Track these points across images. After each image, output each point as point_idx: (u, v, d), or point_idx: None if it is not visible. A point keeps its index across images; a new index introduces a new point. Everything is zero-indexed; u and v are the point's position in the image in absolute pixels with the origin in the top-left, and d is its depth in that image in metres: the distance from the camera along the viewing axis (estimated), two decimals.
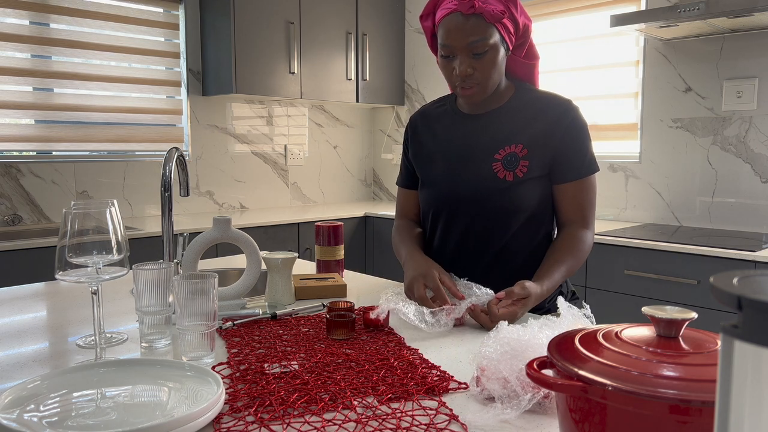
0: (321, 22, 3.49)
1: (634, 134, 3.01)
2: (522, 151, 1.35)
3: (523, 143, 1.35)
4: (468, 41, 1.27)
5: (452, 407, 0.84)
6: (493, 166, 1.36)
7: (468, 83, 1.31)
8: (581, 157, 1.36)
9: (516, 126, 1.37)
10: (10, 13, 2.78)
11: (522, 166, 1.35)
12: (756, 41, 2.59)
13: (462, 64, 1.29)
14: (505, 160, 1.36)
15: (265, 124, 3.69)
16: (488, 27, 1.27)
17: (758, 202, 2.64)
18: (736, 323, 0.37)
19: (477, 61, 1.29)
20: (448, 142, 1.44)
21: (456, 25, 1.27)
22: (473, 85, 1.32)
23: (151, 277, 1.08)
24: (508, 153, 1.36)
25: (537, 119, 1.36)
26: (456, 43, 1.28)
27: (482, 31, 1.27)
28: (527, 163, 1.35)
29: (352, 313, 1.15)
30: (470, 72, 1.30)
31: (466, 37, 1.27)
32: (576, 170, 1.36)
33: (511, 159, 1.35)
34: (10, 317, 1.31)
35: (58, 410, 0.79)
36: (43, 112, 2.91)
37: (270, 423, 0.79)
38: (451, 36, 1.28)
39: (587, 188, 1.38)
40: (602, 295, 2.52)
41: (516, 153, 1.35)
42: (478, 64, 1.29)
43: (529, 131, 1.36)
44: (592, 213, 1.40)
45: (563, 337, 0.71)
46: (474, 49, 1.28)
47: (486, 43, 1.28)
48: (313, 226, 3.24)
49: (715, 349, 0.62)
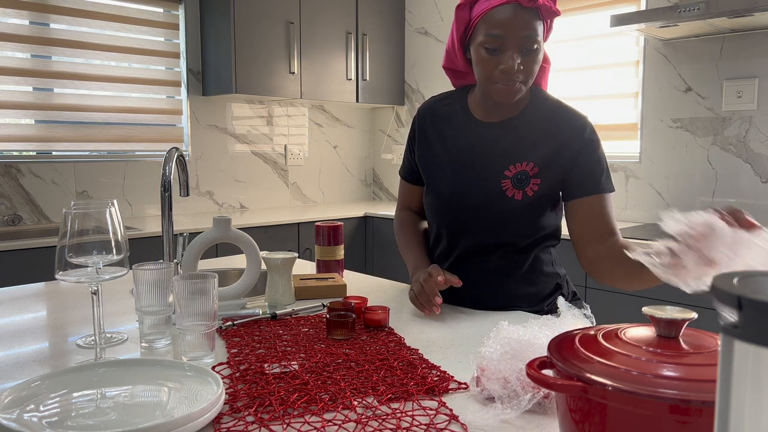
0: (321, 22, 3.49)
1: (634, 134, 3.01)
2: (533, 170, 1.30)
3: (534, 161, 1.30)
4: (524, 34, 1.21)
5: (452, 407, 0.84)
6: (503, 184, 1.31)
7: (514, 79, 1.24)
8: (600, 171, 1.30)
9: (529, 141, 1.32)
10: (10, 13, 2.78)
11: (533, 184, 1.30)
12: (756, 41, 2.59)
13: (512, 59, 1.21)
14: (515, 178, 1.31)
15: (265, 124, 3.69)
16: (540, 23, 1.23)
17: (758, 202, 2.64)
18: (736, 323, 0.37)
19: (525, 57, 1.23)
20: (458, 149, 1.38)
21: (515, 17, 1.20)
22: (517, 82, 1.24)
23: (151, 277, 1.08)
24: (519, 171, 1.31)
25: (550, 136, 1.31)
26: (510, 35, 1.21)
27: (536, 26, 1.22)
28: (539, 181, 1.30)
29: (352, 313, 1.15)
30: (519, 68, 1.23)
31: (523, 30, 1.20)
32: (596, 183, 1.30)
33: (522, 177, 1.30)
34: (10, 317, 1.31)
35: (58, 410, 0.79)
36: (43, 112, 2.91)
37: (270, 423, 0.79)
38: (505, 27, 1.20)
39: (609, 204, 1.30)
40: (602, 295, 2.52)
41: (527, 171, 1.30)
42: (526, 61, 1.23)
43: (541, 148, 1.30)
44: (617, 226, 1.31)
45: (563, 337, 0.71)
46: (526, 44, 1.22)
47: (537, 40, 1.22)
48: (313, 226, 3.24)
49: (715, 349, 0.62)
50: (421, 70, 3.91)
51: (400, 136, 4.08)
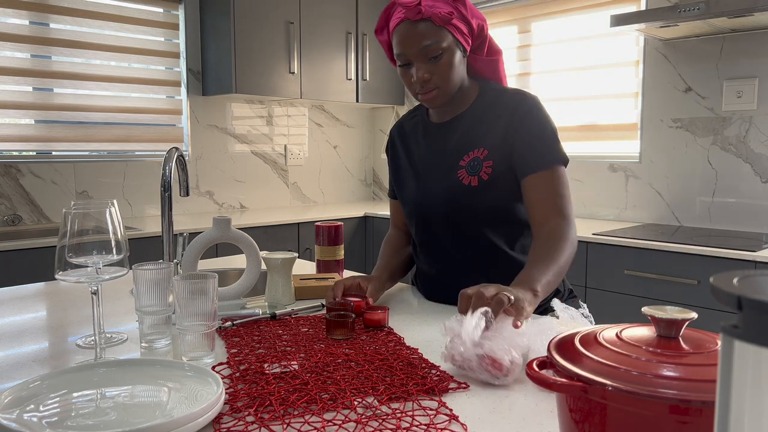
0: (321, 22, 3.49)
1: (634, 134, 3.01)
2: (483, 153, 1.33)
3: (484, 146, 1.34)
4: (421, 46, 1.27)
5: (452, 407, 0.84)
6: (458, 174, 1.35)
7: (427, 88, 1.31)
8: (543, 147, 1.30)
9: (480, 130, 1.36)
10: (10, 13, 2.78)
11: (486, 167, 1.33)
12: (756, 41, 2.59)
13: (419, 70, 1.30)
14: (468, 165, 1.34)
15: (265, 124, 3.69)
16: (439, 30, 1.28)
17: (758, 202, 2.64)
18: (736, 323, 0.37)
19: (433, 65, 1.29)
20: (419, 157, 1.45)
21: (407, 33, 1.28)
22: (432, 89, 1.31)
23: (151, 277, 1.08)
24: (472, 158, 1.35)
25: (497, 119, 1.34)
26: (410, 50, 1.29)
27: (434, 34, 1.27)
28: (491, 163, 1.32)
29: (351, 314, 1.15)
30: (428, 77, 1.30)
31: (419, 42, 1.27)
32: (539, 159, 1.30)
33: (474, 164, 1.34)
34: (10, 317, 1.31)
35: (57, 410, 0.79)
36: (43, 112, 2.91)
37: (270, 423, 0.79)
38: (403, 43, 1.29)
39: (557, 179, 1.30)
40: (602, 295, 2.52)
41: (478, 157, 1.34)
42: (435, 68, 1.30)
43: (490, 133, 1.34)
44: (567, 205, 1.30)
45: (563, 337, 0.71)
46: (428, 53, 1.28)
47: (439, 46, 1.28)
48: (313, 226, 3.24)
49: (715, 349, 0.62)
50: None
51: None
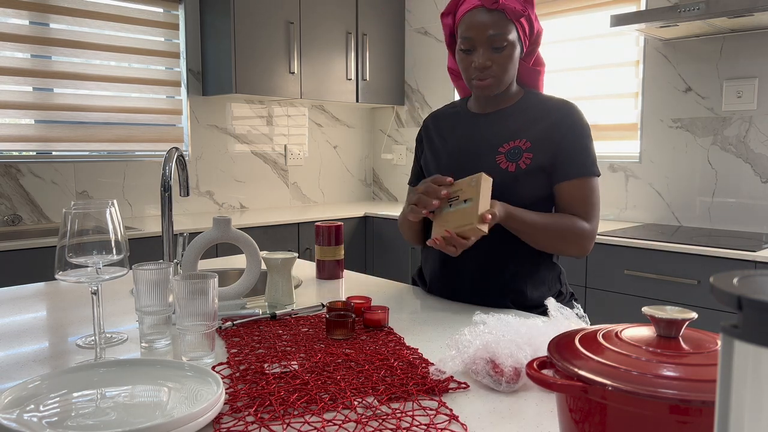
0: (321, 22, 3.49)
1: (634, 134, 3.01)
2: (525, 144, 1.38)
3: (527, 138, 1.39)
4: (489, 34, 1.33)
5: (452, 407, 0.84)
6: (497, 159, 1.39)
7: (485, 75, 1.36)
8: (583, 156, 1.38)
9: (521, 125, 1.41)
10: (10, 13, 2.78)
11: (525, 157, 1.37)
12: (756, 41, 2.59)
13: (481, 57, 1.35)
14: (508, 153, 1.39)
15: (265, 124, 3.69)
16: (508, 23, 1.34)
17: (758, 202, 2.64)
18: (736, 323, 0.37)
19: (496, 54, 1.35)
20: (455, 138, 1.48)
21: (479, 19, 1.34)
22: (489, 77, 1.37)
23: (151, 277, 1.08)
24: (513, 146, 1.39)
25: (542, 119, 1.40)
26: (478, 35, 1.34)
27: (503, 26, 1.34)
28: (531, 155, 1.37)
29: (351, 313, 1.15)
30: (489, 64, 1.35)
31: (487, 30, 1.33)
32: (577, 168, 1.37)
33: (515, 151, 1.38)
34: (10, 317, 1.31)
35: (57, 410, 0.79)
36: (43, 112, 2.91)
37: (270, 423, 0.79)
38: (473, 29, 1.34)
39: (589, 188, 1.38)
40: (602, 295, 2.52)
41: (519, 146, 1.39)
42: (497, 58, 1.35)
43: (533, 129, 1.39)
44: (594, 212, 1.38)
45: (563, 337, 0.71)
46: (493, 42, 1.34)
47: (505, 38, 1.34)
48: (313, 226, 3.24)
49: (715, 349, 0.62)
50: (421, 70, 3.91)
51: (400, 136, 4.08)
